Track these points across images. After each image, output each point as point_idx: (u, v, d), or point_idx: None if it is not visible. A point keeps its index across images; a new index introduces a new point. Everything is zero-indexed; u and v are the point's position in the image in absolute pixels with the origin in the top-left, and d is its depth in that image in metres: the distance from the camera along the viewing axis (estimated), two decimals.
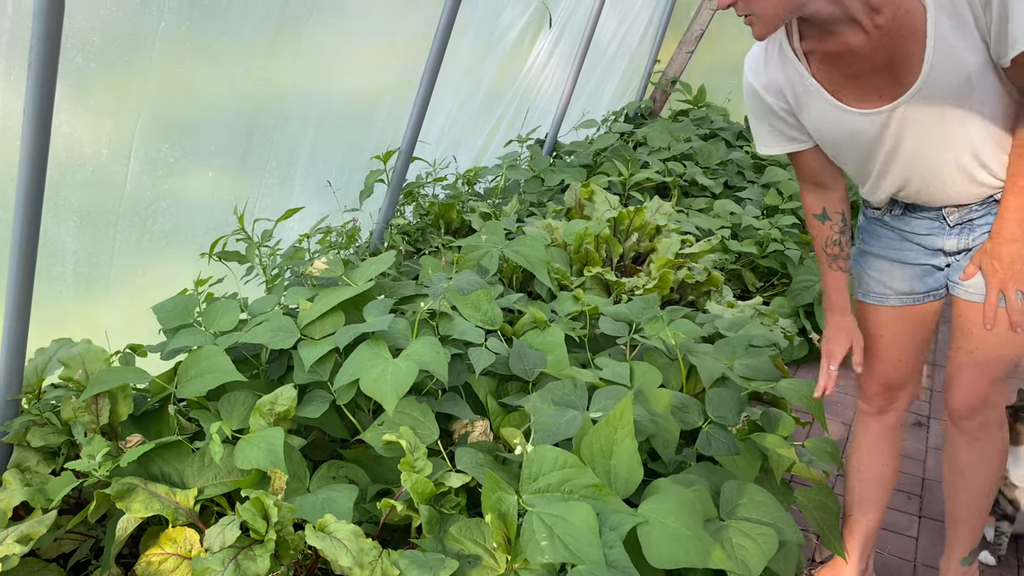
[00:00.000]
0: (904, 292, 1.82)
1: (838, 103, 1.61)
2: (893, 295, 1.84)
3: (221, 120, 2.38)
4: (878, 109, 1.58)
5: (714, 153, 4.69)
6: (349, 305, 2.15)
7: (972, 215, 1.69)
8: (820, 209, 1.83)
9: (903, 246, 1.80)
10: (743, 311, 2.94)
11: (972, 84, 1.50)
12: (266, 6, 2.31)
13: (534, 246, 2.78)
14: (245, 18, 2.27)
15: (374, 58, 2.95)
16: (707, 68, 5.56)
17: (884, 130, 1.60)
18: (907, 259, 1.80)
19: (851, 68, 1.57)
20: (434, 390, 2.11)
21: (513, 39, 3.74)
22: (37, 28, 1.58)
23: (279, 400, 1.85)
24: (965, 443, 1.79)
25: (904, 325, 1.85)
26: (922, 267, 1.79)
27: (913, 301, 1.83)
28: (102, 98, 2.00)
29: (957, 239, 1.72)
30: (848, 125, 1.63)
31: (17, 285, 1.77)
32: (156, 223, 2.29)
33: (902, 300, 1.83)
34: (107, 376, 1.86)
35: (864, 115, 1.59)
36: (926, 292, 1.81)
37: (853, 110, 1.60)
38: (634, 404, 1.90)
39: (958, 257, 1.74)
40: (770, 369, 2.11)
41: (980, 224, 1.69)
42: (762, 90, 1.71)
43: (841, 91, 1.60)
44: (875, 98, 1.57)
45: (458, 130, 3.71)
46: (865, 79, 1.57)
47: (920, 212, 1.75)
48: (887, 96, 1.56)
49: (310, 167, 2.82)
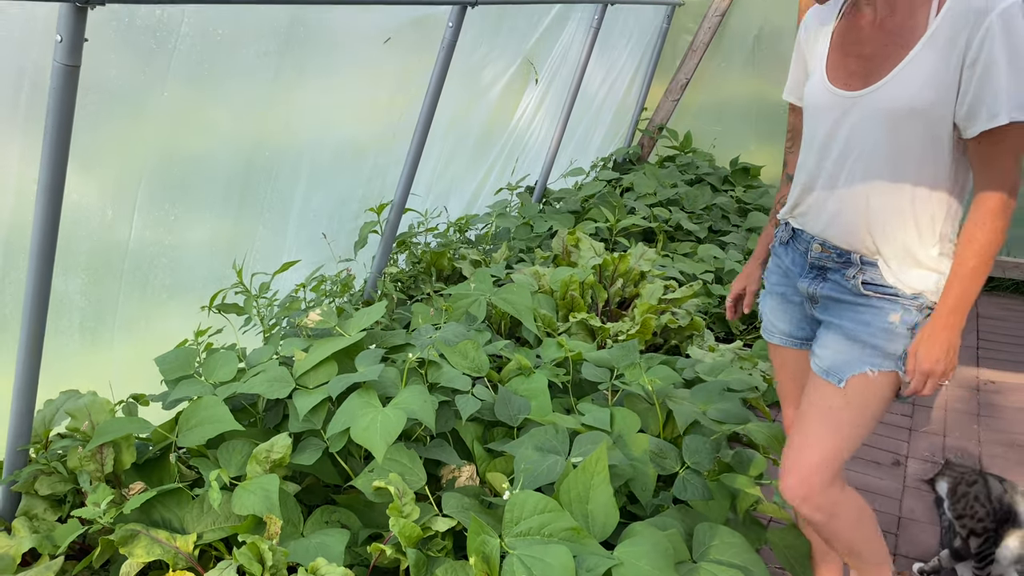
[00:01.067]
0: (785, 333, 1.88)
1: (825, 75, 1.67)
2: (777, 333, 1.90)
3: (218, 177, 2.51)
4: (844, 91, 1.62)
5: (699, 198, 4.84)
6: (342, 355, 2.26)
7: (828, 263, 1.70)
8: (794, 170, 1.86)
9: (783, 281, 1.85)
10: (724, 355, 3.04)
11: (918, 120, 1.51)
12: (260, 72, 2.45)
13: (521, 293, 2.90)
14: (240, 83, 2.42)
15: (359, 114, 3.09)
16: (693, 115, 5.73)
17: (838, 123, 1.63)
18: (789, 297, 1.84)
19: (849, 46, 1.64)
20: (423, 436, 2.20)
21: (499, 92, 3.90)
22: (52, 106, 1.71)
23: (275, 448, 1.95)
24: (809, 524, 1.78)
25: (794, 365, 1.90)
26: (799, 308, 1.83)
27: (793, 344, 1.88)
28: (108, 163, 2.13)
29: (809, 283, 1.74)
30: (820, 99, 1.67)
31: (28, 342, 1.88)
32: (158, 277, 2.41)
33: (783, 340, 1.89)
34: (112, 427, 1.96)
35: (833, 93, 1.64)
36: (803, 339, 1.85)
37: (830, 85, 1.65)
38: (613, 449, 2.00)
39: (817, 310, 1.76)
40: (741, 412, 2.21)
41: (830, 278, 1.70)
42: (804, 26, 1.78)
43: (834, 66, 1.67)
44: (844, 83, 1.63)
45: (448, 180, 3.85)
46: (851, 60, 1.63)
47: (796, 242, 1.78)
48: (854, 86, 1.61)
49: (302, 218, 2.95)
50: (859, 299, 1.66)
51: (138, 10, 1.93)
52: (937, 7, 1.50)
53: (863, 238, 1.64)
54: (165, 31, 2.04)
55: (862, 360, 1.65)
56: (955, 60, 1.46)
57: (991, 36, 1.41)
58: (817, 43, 1.73)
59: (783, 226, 1.85)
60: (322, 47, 2.64)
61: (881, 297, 1.64)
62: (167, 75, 2.13)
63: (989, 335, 4.13)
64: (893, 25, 1.56)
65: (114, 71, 1.98)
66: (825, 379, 1.70)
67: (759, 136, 5.52)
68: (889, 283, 1.63)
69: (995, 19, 1.41)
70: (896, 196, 1.59)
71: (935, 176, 1.56)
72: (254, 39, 2.36)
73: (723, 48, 5.52)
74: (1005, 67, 1.41)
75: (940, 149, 1.54)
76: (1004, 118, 1.42)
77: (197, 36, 2.13)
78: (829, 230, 1.69)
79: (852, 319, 1.67)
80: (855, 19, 1.65)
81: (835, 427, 1.68)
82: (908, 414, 3.38)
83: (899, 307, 1.62)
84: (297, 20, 2.47)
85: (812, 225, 1.73)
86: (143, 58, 2.03)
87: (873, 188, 1.60)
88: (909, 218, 1.59)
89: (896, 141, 1.56)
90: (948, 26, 1.47)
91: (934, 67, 1.49)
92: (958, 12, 1.46)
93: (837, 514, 1.72)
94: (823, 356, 1.71)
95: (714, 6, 5.35)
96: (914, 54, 1.51)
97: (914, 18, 1.53)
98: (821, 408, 1.70)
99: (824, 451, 1.69)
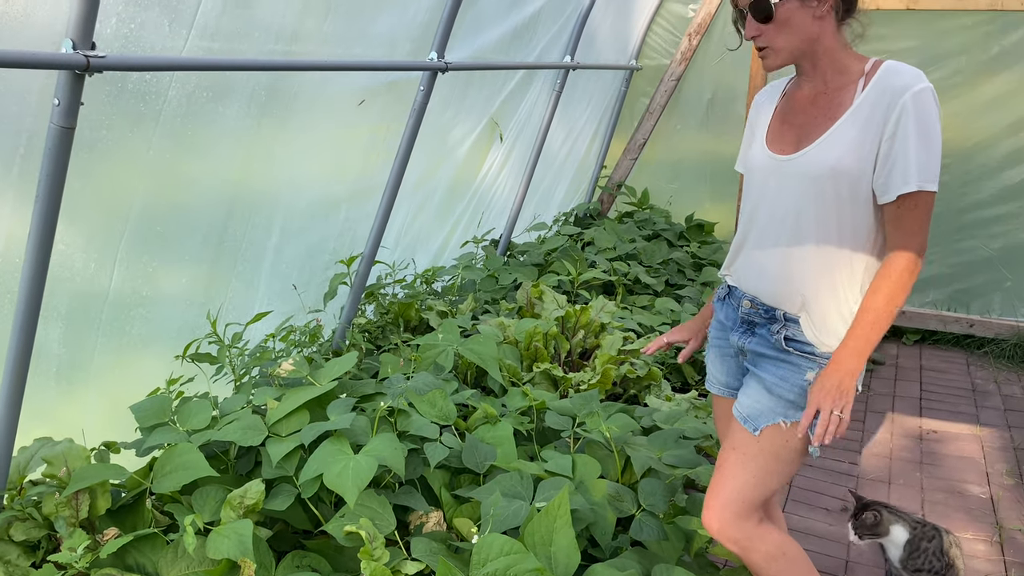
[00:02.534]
0: (723, 383, 2.02)
1: (764, 141, 1.84)
2: (717, 384, 2.04)
3: (196, 231, 2.60)
4: (777, 155, 1.78)
5: (657, 253, 5.03)
6: (314, 403, 2.34)
7: (756, 319, 1.84)
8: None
9: (721, 335, 1.99)
10: (680, 404, 3.18)
11: (840, 182, 1.67)
12: (241, 130, 2.57)
13: (487, 344, 3.01)
14: (221, 140, 2.53)
15: (332, 170, 3.21)
16: (650, 173, 5.96)
17: (768, 184, 1.79)
18: (725, 349, 1.98)
19: (788, 116, 1.82)
20: (392, 483, 2.28)
21: (466, 150, 4.07)
22: (46, 165, 1.80)
23: (248, 494, 2.01)
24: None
25: (730, 415, 1.99)
26: (735, 360, 1.96)
27: (730, 394, 2.00)
28: (93, 217, 2.22)
29: (739, 336, 1.88)
30: (758, 162, 1.84)
31: (8, 392, 1.94)
32: (134, 327, 2.47)
33: (721, 391, 2.03)
34: (89, 473, 2.00)
35: (768, 157, 1.81)
36: (739, 389, 1.95)
37: (767, 150, 1.82)
38: (575, 494, 2.11)
39: (747, 362, 1.89)
40: (695, 458, 2.33)
41: (757, 333, 1.84)
42: (754, 105, 1.95)
43: (773, 134, 1.84)
44: (779, 148, 1.80)
45: (415, 233, 3.97)
46: (787, 128, 1.81)
47: (731, 298, 1.93)
48: (786, 151, 1.78)
49: (274, 270, 3.04)
50: (780, 354, 1.81)
51: (130, 76, 2.04)
52: (863, 85, 1.70)
53: (788, 294, 1.79)
54: (154, 94, 2.15)
55: (775, 411, 1.80)
56: (874, 132, 1.65)
57: (905, 113, 1.61)
58: (760, 117, 1.92)
59: (723, 284, 2.01)
60: (300, 107, 2.78)
61: (800, 355, 1.78)
62: (153, 135, 2.23)
63: (931, 386, 4.34)
64: (825, 100, 1.76)
65: (104, 132, 2.08)
66: (743, 425, 1.84)
67: (713, 194, 5.76)
68: (808, 339, 1.77)
69: (909, 99, 1.61)
70: (818, 253, 1.75)
71: (855, 235, 1.72)
72: (236, 99, 2.48)
73: (679, 110, 5.78)
74: (915, 141, 1.61)
75: (860, 210, 1.71)
76: (914, 186, 1.62)
77: (183, 98, 2.25)
78: (758, 286, 1.85)
79: (773, 373, 1.82)
80: (795, 94, 1.85)
81: (748, 469, 1.82)
82: (855, 462, 3.53)
83: (816, 365, 1.77)
84: (278, 80, 2.60)
85: (743, 282, 1.89)
86: (132, 119, 2.13)
87: (797, 246, 1.76)
88: (830, 274, 1.75)
89: (820, 202, 1.72)
90: (869, 103, 1.67)
91: (856, 136, 1.67)
92: (879, 91, 1.66)
93: (752, 548, 1.84)
94: (744, 404, 1.86)
95: (670, 71, 5.63)
96: (839, 124, 1.70)
97: (842, 94, 1.73)
98: (738, 451, 1.85)
99: (736, 487, 1.83)
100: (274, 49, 2.51)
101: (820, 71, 1.76)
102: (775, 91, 1.94)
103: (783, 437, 1.79)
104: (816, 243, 1.74)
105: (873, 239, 1.73)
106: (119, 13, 1.93)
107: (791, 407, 1.78)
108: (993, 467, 3.46)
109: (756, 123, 1.93)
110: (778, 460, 1.81)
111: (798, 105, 1.82)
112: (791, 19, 1.68)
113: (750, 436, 1.82)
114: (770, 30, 1.70)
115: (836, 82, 1.75)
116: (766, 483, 1.83)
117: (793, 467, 1.84)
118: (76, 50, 1.71)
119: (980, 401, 4.14)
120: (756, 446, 1.81)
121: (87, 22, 1.71)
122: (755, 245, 1.85)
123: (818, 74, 1.77)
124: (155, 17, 2.02)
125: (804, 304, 1.77)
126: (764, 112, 1.92)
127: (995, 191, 4.75)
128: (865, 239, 1.73)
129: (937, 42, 4.74)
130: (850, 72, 1.73)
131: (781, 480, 1.84)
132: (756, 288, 1.85)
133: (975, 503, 3.17)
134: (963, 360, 4.71)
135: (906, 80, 1.63)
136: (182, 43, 2.14)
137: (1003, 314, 4.81)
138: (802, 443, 1.79)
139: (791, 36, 1.70)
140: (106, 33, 1.92)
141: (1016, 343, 4.64)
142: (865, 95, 1.68)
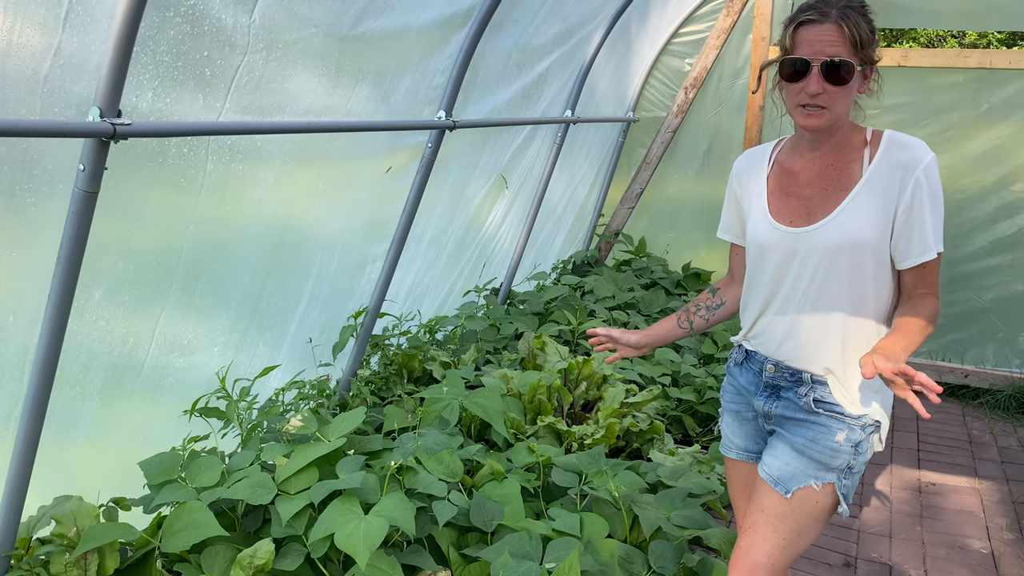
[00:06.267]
0: (741, 448, 2.04)
1: (768, 214, 1.87)
2: (734, 448, 2.06)
3: (231, 304, 2.63)
4: (790, 228, 1.82)
5: (655, 301, 5.07)
6: (322, 460, 2.35)
7: (781, 382, 1.87)
8: (721, 288, 2.10)
9: (737, 399, 2.01)
10: (683, 459, 3.19)
11: (863, 249, 1.73)
12: (274, 203, 2.63)
13: (491, 397, 3.03)
14: (255, 212, 2.58)
15: (362, 232, 3.25)
16: (647, 222, 6.04)
17: (788, 256, 1.81)
18: (743, 414, 2.00)
19: (789, 188, 1.86)
20: (400, 541, 2.28)
21: (476, 204, 4.13)
22: (69, 228, 1.83)
23: (258, 554, 2.01)
24: None
25: (748, 478, 2.03)
26: (753, 423, 1.99)
27: (748, 458, 2.03)
28: (136, 291, 2.24)
29: (764, 401, 1.91)
30: (766, 235, 1.87)
31: (22, 452, 1.94)
32: (164, 397, 2.47)
33: (739, 455, 2.05)
34: (99, 532, 2.00)
35: (779, 230, 1.84)
36: (757, 452, 2.00)
37: (775, 223, 1.85)
38: (584, 554, 2.11)
39: (770, 425, 1.92)
40: (703, 518, 2.34)
41: (783, 396, 1.87)
42: (735, 173, 1.99)
43: (777, 206, 1.87)
44: (789, 220, 1.84)
45: (425, 286, 4.01)
46: (792, 201, 1.85)
47: (750, 363, 1.95)
48: (798, 223, 1.82)
49: (297, 332, 3.07)
50: (810, 416, 1.84)
51: (169, 150, 2.08)
52: (869, 158, 1.76)
53: (815, 357, 1.83)
54: (193, 168, 2.19)
55: (807, 473, 1.82)
56: (890, 203, 1.72)
57: (919, 186, 1.69)
58: (751, 187, 1.95)
59: (736, 349, 2.03)
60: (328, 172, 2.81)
61: (829, 415, 1.82)
62: (195, 209, 2.27)
63: (929, 438, 4.36)
64: (834, 172, 1.81)
65: (151, 205, 2.12)
66: (773, 487, 1.86)
67: (709, 242, 5.84)
68: (838, 400, 1.81)
69: (921, 173, 1.69)
70: (844, 317, 1.80)
71: (877, 297, 1.78)
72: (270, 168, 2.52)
73: (675, 160, 5.88)
74: (929, 211, 1.70)
75: (881, 275, 1.77)
76: (933, 253, 1.71)
77: (220, 172, 2.29)
78: (782, 351, 1.88)
79: (802, 435, 1.84)
80: (791, 166, 1.88)
81: (779, 531, 1.84)
82: (856, 515, 3.53)
83: (845, 426, 1.80)
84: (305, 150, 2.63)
85: (766, 347, 1.92)
86: (172, 194, 2.17)
87: (823, 311, 1.81)
88: (855, 335, 1.79)
89: (845, 269, 1.78)
90: (881, 174, 1.73)
91: (872, 206, 1.73)
92: (891, 164, 1.72)
93: None
94: (772, 466, 1.87)
95: (666, 123, 5.74)
96: (853, 195, 1.76)
97: (850, 167, 1.78)
98: (767, 513, 1.86)
99: (766, 550, 1.84)
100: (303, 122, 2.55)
101: (833, 140, 1.81)
102: (760, 159, 1.96)
103: (814, 498, 1.81)
104: (842, 307, 1.79)
105: (892, 300, 1.80)
106: (155, 88, 1.97)
107: (822, 468, 1.81)
108: (993, 521, 3.47)
109: (746, 194, 1.96)
110: (808, 520, 1.83)
111: (803, 177, 1.85)
112: (852, 85, 1.73)
113: (780, 498, 1.83)
114: (836, 92, 1.72)
115: (843, 153, 1.80)
116: (796, 544, 1.84)
117: (821, 527, 1.85)
118: (103, 118, 1.75)
119: (977, 453, 4.16)
120: (787, 508, 1.83)
121: (114, 91, 1.76)
122: (778, 311, 1.88)
123: (831, 144, 1.81)
124: (189, 93, 2.06)
125: (832, 366, 1.80)
126: (755, 183, 1.94)
127: (987, 243, 4.84)
128: (887, 300, 1.79)
129: (928, 98, 4.87)
130: (853, 143, 1.79)
131: (808, 541, 1.86)
132: (781, 352, 1.88)
133: (977, 558, 3.18)
134: (959, 411, 4.74)
135: (916, 154, 1.70)
136: (216, 116, 2.19)
137: (997, 365, 4.87)
138: (832, 503, 1.82)
139: (847, 101, 1.74)
140: (141, 108, 1.96)
141: (1011, 394, 4.68)
142: (875, 167, 1.74)
